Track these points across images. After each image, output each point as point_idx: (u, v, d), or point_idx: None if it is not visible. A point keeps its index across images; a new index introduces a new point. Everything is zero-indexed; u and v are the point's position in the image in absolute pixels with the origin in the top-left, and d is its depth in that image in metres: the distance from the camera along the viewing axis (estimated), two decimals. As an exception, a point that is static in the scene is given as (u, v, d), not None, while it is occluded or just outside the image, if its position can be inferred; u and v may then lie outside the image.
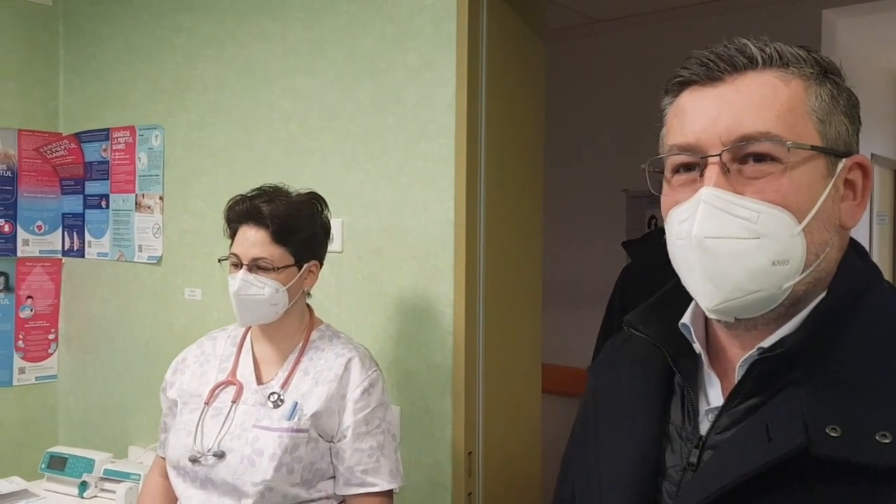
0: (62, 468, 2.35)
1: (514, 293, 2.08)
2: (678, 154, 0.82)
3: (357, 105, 2.13)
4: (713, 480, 0.76)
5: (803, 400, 0.75)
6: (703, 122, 0.80)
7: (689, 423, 0.85)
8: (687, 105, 0.82)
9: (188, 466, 1.60)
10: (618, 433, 0.91)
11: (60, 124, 3.01)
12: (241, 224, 1.64)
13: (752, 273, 0.76)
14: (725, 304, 0.78)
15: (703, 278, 0.78)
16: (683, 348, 0.87)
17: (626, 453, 0.87)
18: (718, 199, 0.77)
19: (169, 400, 1.76)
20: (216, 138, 2.49)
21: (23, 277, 2.93)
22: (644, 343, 0.90)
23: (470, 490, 1.92)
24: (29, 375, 2.95)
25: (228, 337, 1.79)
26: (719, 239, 0.77)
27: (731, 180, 0.77)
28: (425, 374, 1.98)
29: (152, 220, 2.68)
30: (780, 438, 0.73)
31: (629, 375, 0.94)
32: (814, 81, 0.80)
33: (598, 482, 0.90)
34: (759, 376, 0.79)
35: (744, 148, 0.77)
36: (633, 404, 0.90)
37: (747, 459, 0.74)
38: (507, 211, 2.04)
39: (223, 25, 2.46)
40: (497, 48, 1.97)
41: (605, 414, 0.95)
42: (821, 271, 0.79)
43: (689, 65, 0.82)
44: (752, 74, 0.79)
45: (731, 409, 0.81)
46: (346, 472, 1.61)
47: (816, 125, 0.79)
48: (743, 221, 0.76)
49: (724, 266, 0.77)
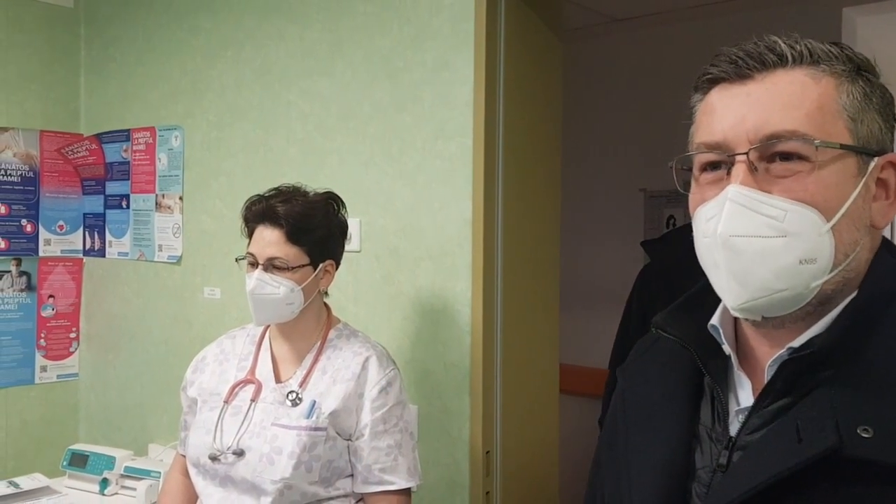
0: (83, 465, 2.38)
1: (532, 292, 2.08)
2: (706, 152, 0.81)
3: (375, 105, 2.14)
4: (743, 481, 0.75)
5: (834, 400, 0.74)
6: (731, 120, 0.79)
7: (719, 424, 0.84)
8: (716, 102, 0.82)
9: (208, 464, 1.62)
10: (647, 435, 0.90)
11: (82, 125, 3.04)
12: (258, 224, 1.65)
13: (779, 272, 0.75)
14: (751, 302, 0.77)
15: (728, 276, 0.78)
16: (712, 349, 0.86)
17: (656, 455, 0.87)
18: (745, 197, 0.76)
19: (189, 398, 1.78)
20: (235, 139, 2.51)
21: (45, 277, 2.97)
22: (673, 344, 0.90)
23: (488, 489, 1.92)
24: (51, 374, 2.98)
25: (247, 336, 1.80)
26: (745, 237, 0.76)
27: (758, 179, 0.77)
28: (443, 373, 1.99)
29: (172, 220, 2.70)
30: (810, 439, 0.73)
31: (658, 377, 0.93)
32: (846, 79, 0.79)
33: (628, 484, 0.90)
34: (790, 376, 0.78)
35: (771, 146, 0.77)
36: (663, 406, 0.90)
37: (778, 460, 0.74)
38: (525, 210, 2.04)
39: (242, 27, 2.48)
40: (514, 48, 1.97)
41: (634, 416, 0.95)
42: (850, 271, 0.78)
43: (719, 62, 0.82)
44: (782, 72, 0.79)
45: (762, 410, 0.80)
46: (364, 471, 1.62)
47: (847, 123, 0.78)
48: (770, 220, 0.75)
49: (749, 264, 0.76)
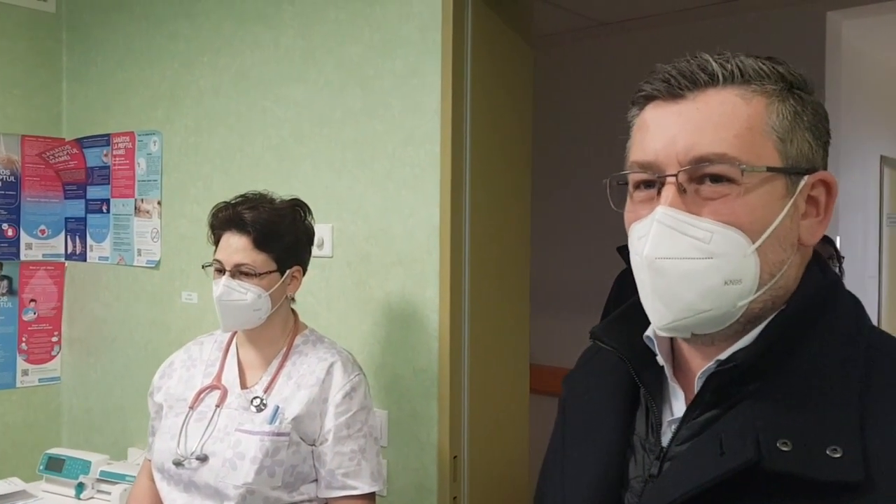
0: (60, 469, 2.39)
1: (500, 298, 2.09)
2: (638, 172, 0.82)
3: (346, 112, 2.15)
4: (668, 492, 0.77)
5: (756, 413, 0.75)
6: (662, 140, 0.80)
7: (652, 434, 0.85)
8: (649, 120, 0.83)
9: (172, 469, 1.63)
10: (584, 445, 0.91)
11: (63, 130, 3.05)
12: (225, 231, 1.67)
13: (704, 293, 0.77)
14: (676, 322, 0.79)
15: (654, 297, 0.79)
16: (648, 360, 0.87)
17: (591, 465, 0.88)
18: (672, 218, 0.77)
19: (156, 404, 1.79)
20: (212, 144, 2.52)
21: (26, 281, 2.98)
22: (611, 355, 0.91)
23: (455, 494, 1.94)
24: (32, 377, 2.99)
25: (215, 342, 1.81)
26: (671, 259, 0.77)
27: (687, 200, 0.78)
28: (412, 378, 2.00)
29: (151, 225, 2.71)
30: (732, 452, 0.74)
31: (597, 387, 0.94)
32: (776, 98, 0.79)
33: (563, 492, 0.91)
34: (716, 389, 0.79)
35: (700, 169, 0.77)
36: (600, 416, 0.91)
37: (701, 472, 0.75)
38: (493, 216, 2.06)
39: (220, 33, 2.49)
40: (482, 55, 1.99)
41: (573, 426, 0.96)
42: (778, 289, 0.79)
43: (653, 80, 0.82)
44: (713, 92, 0.79)
45: (691, 421, 0.81)
46: (328, 476, 1.64)
47: (776, 144, 0.78)
48: (696, 241, 0.76)
49: (674, 286, 0.77)
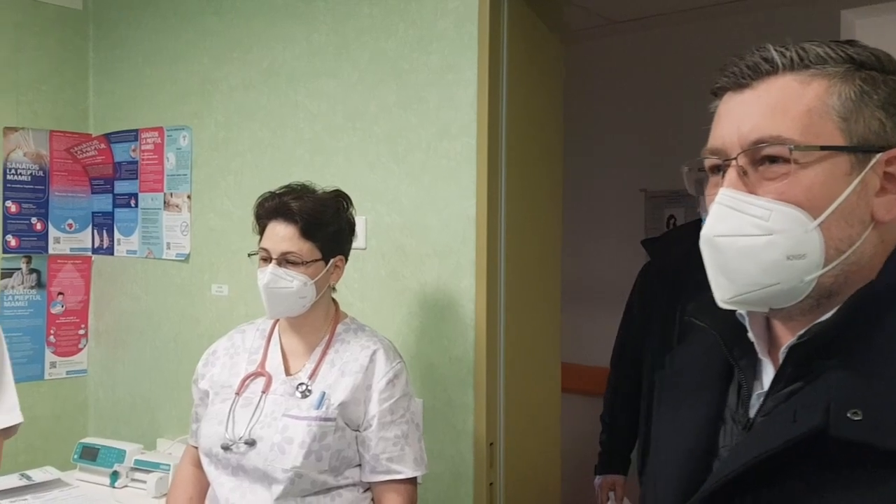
0: (94, 458, 2.43)
1: (534, 289, 2.13)
2: (709, 158, 0.87)
3: (381, 106, 2.19)
4: (741, 456, 0.81)
5: (833, 385, 0.78)
6: (728, 127, 0.85)
7: (741, 407, 0.89)
8: (721, 110, 0.88)
9: (220, 454, 1.67)
10: (679, 416, 0.96)
11: (90, 125, 3.09)
12: (271, 220, 1.70)
13: (766, 267, 0.80)
14: (738, 296, 0.83)
15: (715, 272, 0.84)
16: (742, 337, 0.91)
17: (684, 434, 0.93)
18: (731, 198, 0.82)
19: (200, 391, 1.83)
20: (242, 139, 2.56)
21: (54, 274, 3.02)
22: (708, 333, 0.95)
23: (491, 480, 1.97)
24: (60, 370, 3.03)
25: (257, 330, 1.85)
26: (727, 237, 0.82)
27: (748, 181, 0.82)
28: (447, 367, 2.04)
29: (180, 219, 2.75)
30: (802, 420, 0.77)
31: (693, 363, 1.00)
32: (838, 80, 0.82)
33: (656, 459, 0.96)
34: (796, 362, 0.83)
35: (757, 151, 0.82)
36: (695, 390, 0.96)
37: (771, 439, 0.79)
38: (528, 208, 2.09)
39: (250, 29, 2.53)
40: (517, 49, 2.02)
41: (669, 398, 1.01)
42: (851, 265, 0.82)
43: (724, 72, 0.88)
44: (773, 79, 0.83)
45: (776, 394, 0.85)
46: (372, 460, 1.67)
47: (838, 124, 0.81)
48: (755, 219, 0.80)
49: (732, 262, 0.82)
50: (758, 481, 0.80)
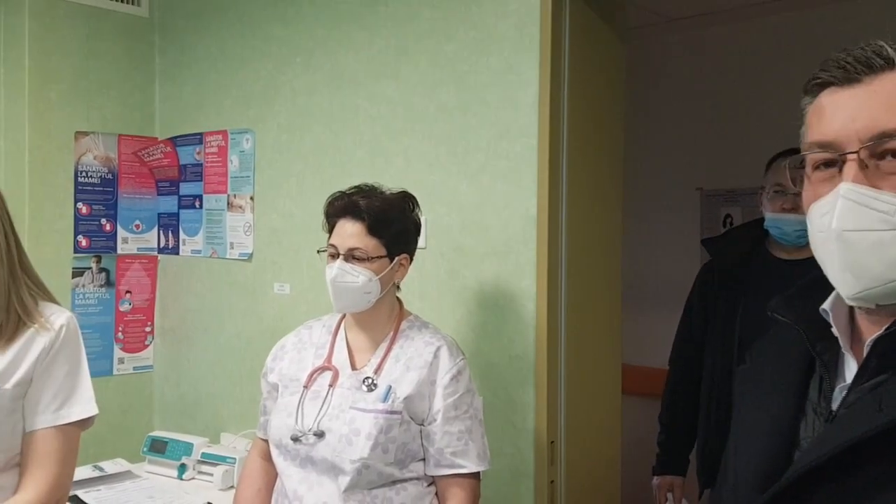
0: (163, 451, 2.51)
1: (595, 289, 2.14)
2: (818, 151, 0.86)
3: (440, 107, 2.22)
4: (824, 445, 0.82)
5: None
6: (841, 120, 0.84)
7: (823, 400, 0.90)
8: (826, 105, 0.87)
9: (290, 445, 1.72)
10: (761, 409, 0.97)
11: (157, 129, 3.19)
12: (340, 218, 1.75)
13: (892, 263, 0.80)
14: (865, 292, 0.82)
15: (842, 269, 0.83)
16: (824, 332, 0.92)
17: (766, 425, 0.94)
18: (857, 193, 0.81)
19: (269, 384, 1.88)
20: (304, 141, 2.62)
21: (122, 273, 3.12)
22: (788, 328, 0.96)
23: (552, 478, 1.99)
24: (127, 365, 3.13)
25: (324, 326, 1.90)
26: (857, 231, 0.81)
27: (868, 176, 0.82)
28: (507, 365, 2.06)
29: (243, 219, 2.82)
30: (888, 409, 0.78)
31: (775, 357, 1.00)
32: None
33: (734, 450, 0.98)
34: (882, 354, 0.84)
35: (881, 144, 0.81)
36: (776, 383, 0.97)
37: (856, 428, 0.80)
38: (588, 209, 2.11)
39: (313, 35, 2.59)
40: (578, 50, 2.04)
41: (749, 391, 1.02)
42: None
43: (828, 67, 0.87)
44: (888, 75, 0.83)
45: (859, 386, 0.86)
46: (437, 454, 1.70)
47: None
48: (881, 214, 0.80)
49: (862, 257, 0.81)
50: (840, 471, 0.81)
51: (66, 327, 1.54)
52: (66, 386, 1.53)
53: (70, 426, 1.54)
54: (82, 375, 1.58)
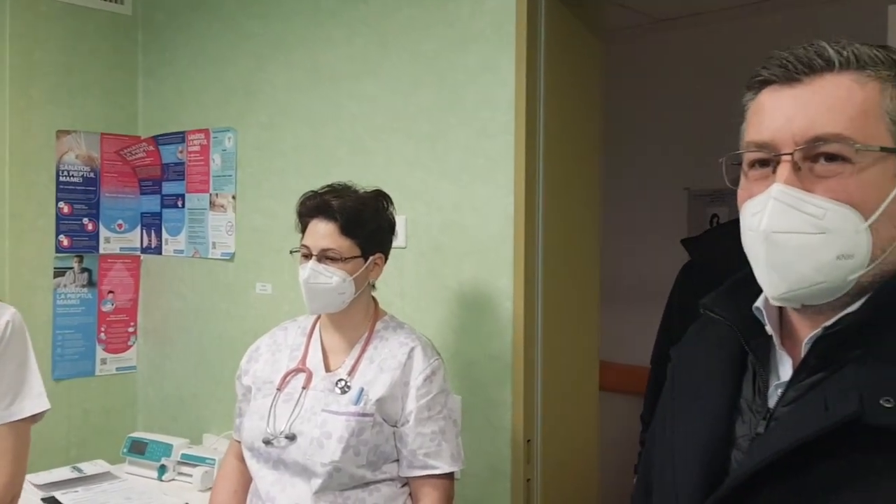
0: (143, 452, 2.50)
1: (572, 288, 2.13)
2: (754, 151, 0.87)
3: (420, 106, 2.21)
4: (772, 445, 0.82)
5: (860, 375, 0.80)
6: (779, 121, 0.84)
7: (758, 397, 0.90)
8: (766, 103, 0.87)
9: (262, 448, 1.70)
10: (692, 406, 0.97)
11: (139, 128, 3.18)
12: (312, 218, 1.74)
13: (818, 266, 0.81)
14: (790, 293, 0.83)
15: (768, 269, 0.84)
16: (757, 329, 0.92)
17: (701, 425, 0.94)
18: (788, 195, 0.81)
19: (244, 386, 1.87)
20: (285, 139, 2.61)
21: (104, 273, 3.11)
22: (721, 326, 0.96)
23: (529, 476, 1.98)
24: (110, 366, 3.12)
25: (299, 327, 1.89)
26: (786, 234, 0.81)
27: (801, 178, 0.82)
28: (485, 364, 2.05)
29: (225, 219, 2.81)
30: (835, 408, 0.78)
31: (706, 355, 1.00)
32: (890, 83, 0.83)
33: (672, 452, 0.97)
34: (822, 352, 0.84)
35: (815, 148, 0.81)
36: (708, 380, 0.97)
37: (805, 426, 0.80)
38: (565, 208, 2.10)
39: (292, 31, 2.57)
40: (555, 49, 2.03)
41: (682, 389, 1.02)
42: (888, 263, 0.83)
43: (770, 65, 0.87)
44: (829, 77, 0.83)
45: (797, 384, 0.86)
46: (410, 455, 1.69)
47: (889, 126, 0.82)
48: (810, 217, 0.81)
49: (789, 259, 0.82)
50: (787, 471, 0.80)
51: (11, 324, 1.54)
52: (15, 382, 1.54)
53: (21, 422, 1.54)
54: (31, 371, 1.58)
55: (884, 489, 0.75)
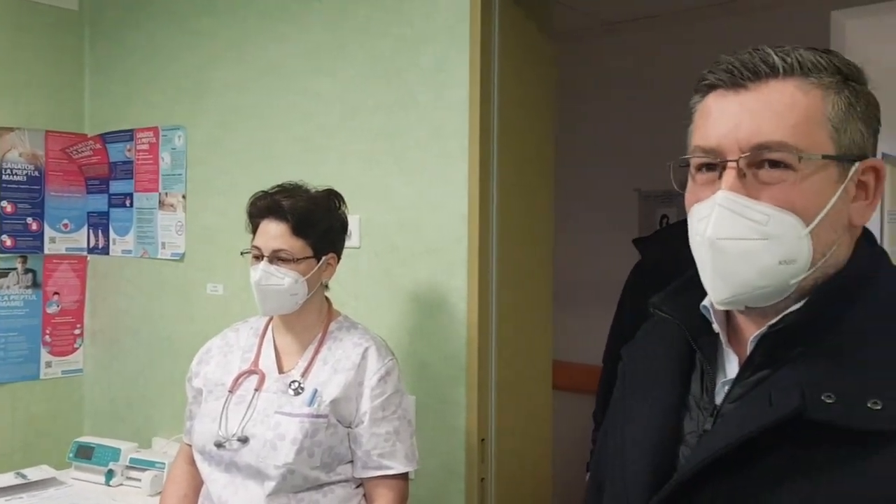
0: (89, 457, 2.44)
1: (526, 287, 2.15)
2: (701, 156, 0.88)
3: (374, 105, 2.20)
4: (718, 440, 0.84)
5: (803, 372, 0.82)
6: (725, 127, 0.86)
7: (706, 394, 0.92)
8: (712, 108, 0.88)
9: (213, 451, 1.68)
10: (642, 403, 0.98)
11: (86, 125, 3.10)
12: (263, 218, 1.72)
13: (761, 271, 0.83)
14: (734, 297, 0.85)
15: (713, 274, 0.85)
16: (704, 328, 0.94)
17: (650, 422, 0.95)
18: (732, 202, 0.83)
19: (194, 389, 1.84)
20: (237, 138, 2.57)
21: (49, 274, 3.03)
22: (669, 324, 0.98)
23: (483, 476, 1.99)
24: (55, 369, 3.04)
25: (251, 328, 1.86)
26: (730, 240, 0.83)
27: (746, 184, 0.84)
28: (440, 364, 2.05)
29: (175, 218, 2.76)
30: (778, 404, 0.81)
31: (656, 353, 1.02)
32: (832, 90, 0.85)
33: (623, 448, 0.98)
34: (767, 350, 0.86)
35: (760, 155, 0.83)
36: (657, 378, 0.98)
37: (750, 422, 0.82)
38: (519, 207, 2.11)
39: (244, 29, 2.54)
40: (509, 50, 2.04)
41: (632, 387, 1.03)
42: (828, 266, 0.86)
43: (716, 70, 0.88)
44: (774, 83, 0.85)
45: (743, 381, 0.88)
46: (364, 456, 1.69)
47: (831, 133, 0.84)
48: (754, 224, 0.82)
49: (733, 265, 0.84)
50: (733, 465, 0.82)
51: None
52: None
53: None
54: None
55: (824, 483, 0.78)
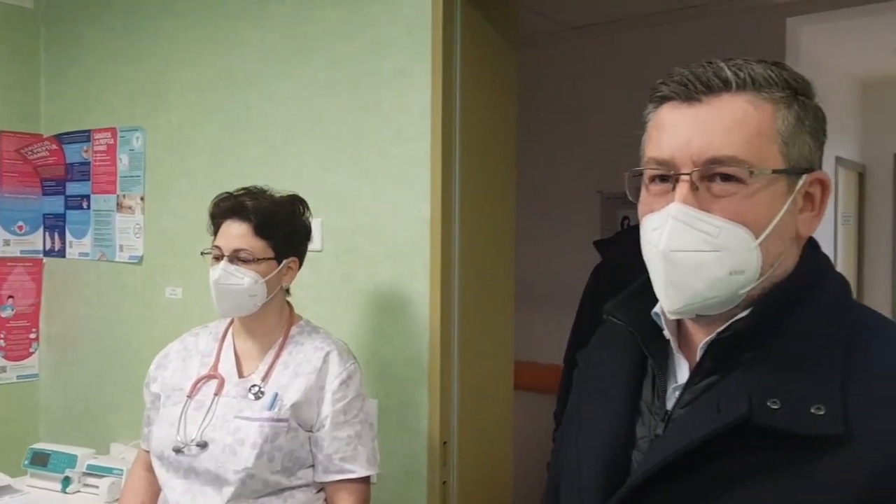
0: (45, 464, 2.40)
1: (488, 290, 2.16)
2: (655, 168, 0.90)
3: (335, 109, 2.20)
4: (669, 446, 0.86)
5: (751, 378, 0.84)
6: (678, 140, 0.87)
7: (657, 399, 0.94)
8: (665, 120, 0.90)
9: (172, 457, 1.66)
10: (596, 408, 1.00)
11: (41, 126, 3.05)
12: (226, 219, 1.71)
13: (712, 282, 0.85)
14: (685, 307, 0.88)
15: (666, 285, 0.88)
16: (655, 333, 0.96)
17: (602, 426, 0.97)
18: (686, 214, 0.85)
19: (152, 394, 1.82)
20: (197, 140, 2.55)
21: (3, 277, 2.97)
22: (622, 330, 1.00)
23: (444, 479, 2.00)
24: (10, 374, 2.98)
25: (210, 333, 1.85)
26: (683, 252, 0.85)
27: (699, 196, 0.86)
28: (402, 368, 2.05)
29: (133, 221, 2.72)
30: (727, 410, 0.83)
31: (609, 358, 1.03)
32: (783, 105, 0.87)
33: (577, 452, 1.00)
34: (715, 356, 0.89)
35: (712, 169, 0.85)
36: (610, 383, 1.00)
37: (699, 428, 0.84)
38: (481, 211, 2.12)
39: (204, 31, 2.52)
40: (470, 55, 2.05)
41: (586, 392, 1.05)
42: (776, 276, 0.88)
43: (670, 82, 0.90)
44: (727, 97, 0.87)
45: (693, 387, 0.90)
46: (325, 460, 1.68)
47: (781, 147, 0.86)
48: (705, 235, 0.85)
49: (685, 276, 0.86)
50: (683, 470, 0.84)
51: None
52: None
53: None
54: None
55: (771, 487, 0.80)
